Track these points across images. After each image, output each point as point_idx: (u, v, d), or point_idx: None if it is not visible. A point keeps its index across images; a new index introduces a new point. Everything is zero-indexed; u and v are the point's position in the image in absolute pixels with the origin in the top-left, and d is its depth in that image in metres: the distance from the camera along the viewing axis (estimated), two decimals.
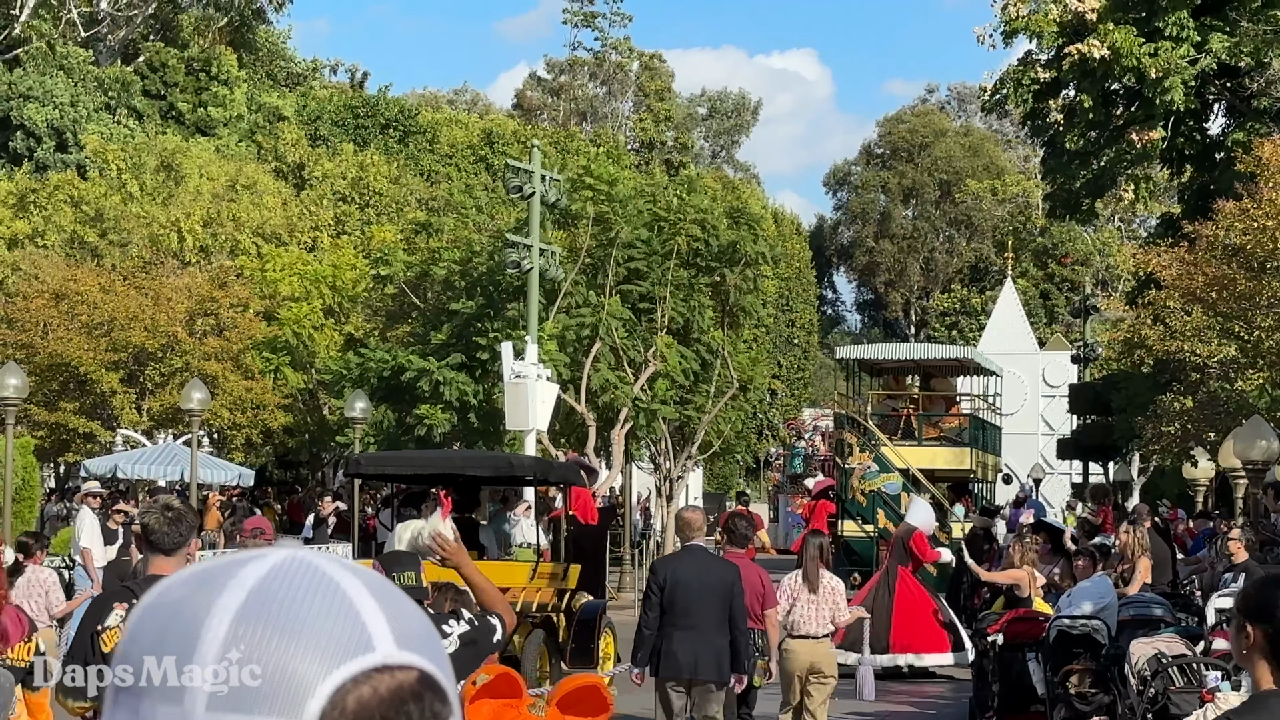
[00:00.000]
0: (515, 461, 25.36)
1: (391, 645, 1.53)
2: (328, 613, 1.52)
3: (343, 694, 1.50)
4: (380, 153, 66.17)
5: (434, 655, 1.57)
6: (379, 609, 1.54)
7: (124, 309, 43.88)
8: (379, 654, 1.52)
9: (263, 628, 1.51)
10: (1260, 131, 37.82)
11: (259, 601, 1.53)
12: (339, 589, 1.54)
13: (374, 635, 1.53)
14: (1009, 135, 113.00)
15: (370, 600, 1.55)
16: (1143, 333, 35.80)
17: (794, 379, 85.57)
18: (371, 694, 1.51)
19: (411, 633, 1.56)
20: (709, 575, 14.32)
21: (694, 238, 42.50)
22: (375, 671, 1.51)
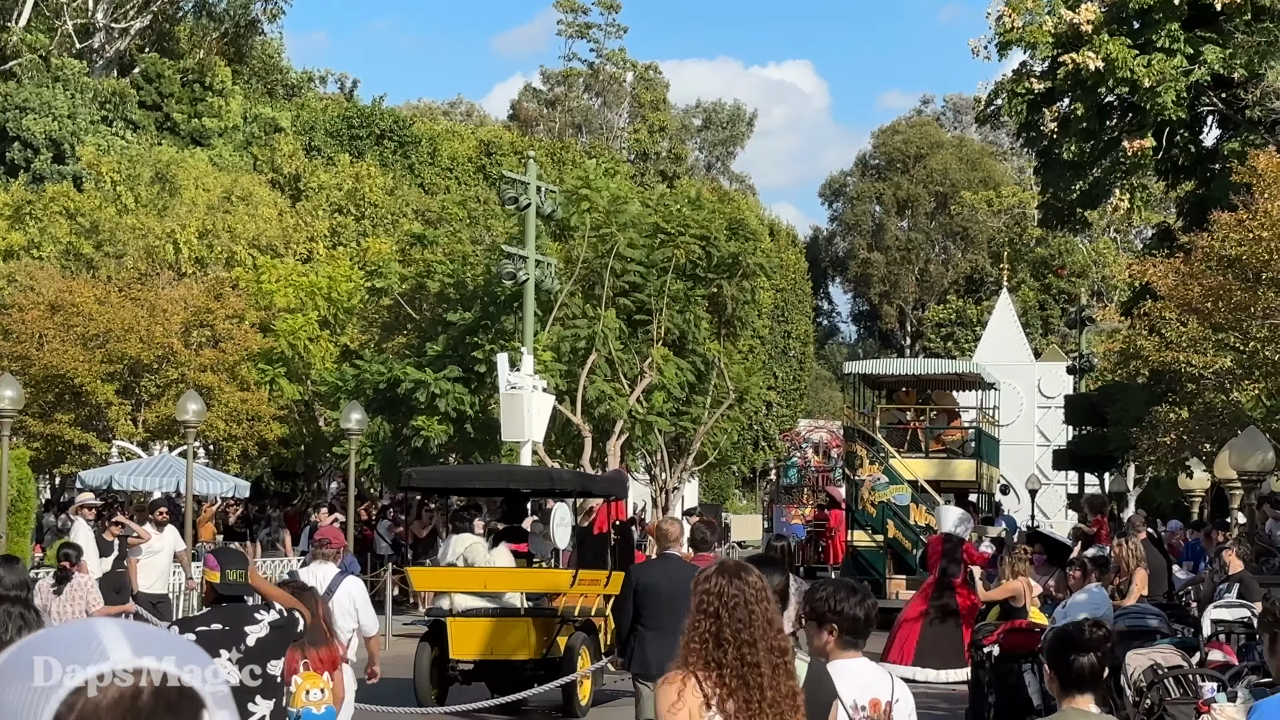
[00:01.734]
0: (556, 475, 27.17)
1: (127, 652, 1.68)
2: (68, 639, 1.70)
3: (71, 700, 1.66)
4: (376, 164, 66.18)
5: (183, 657, 1.71)
6: (118, 629, 1.71)
7: (119, 320, 43.85)
8: (111, 660, 1.67)
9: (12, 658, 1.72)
10: (1255, 143, 37.87)
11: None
12: (86, 625, 1.74)
13: (109, 645, 1.68)
14: (1004, 147, 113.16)
15: (113, 625, 1.73)
16: (1138, 344, 35.83)
17: (790, 390, 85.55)
18: (99, 702, 1.65)
19: (152, 641, 1.72)
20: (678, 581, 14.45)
21: (693, 250, 42.53)
22: (108, 678, 1.66)
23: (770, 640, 6.06)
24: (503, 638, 21.99)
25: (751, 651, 5.98)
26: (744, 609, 6.03)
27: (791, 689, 6.08)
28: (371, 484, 53.80)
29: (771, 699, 6.00)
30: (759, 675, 5.97)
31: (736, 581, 6.08)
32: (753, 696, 5.96)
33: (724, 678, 5.96)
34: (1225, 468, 29.61)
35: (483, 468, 32.45)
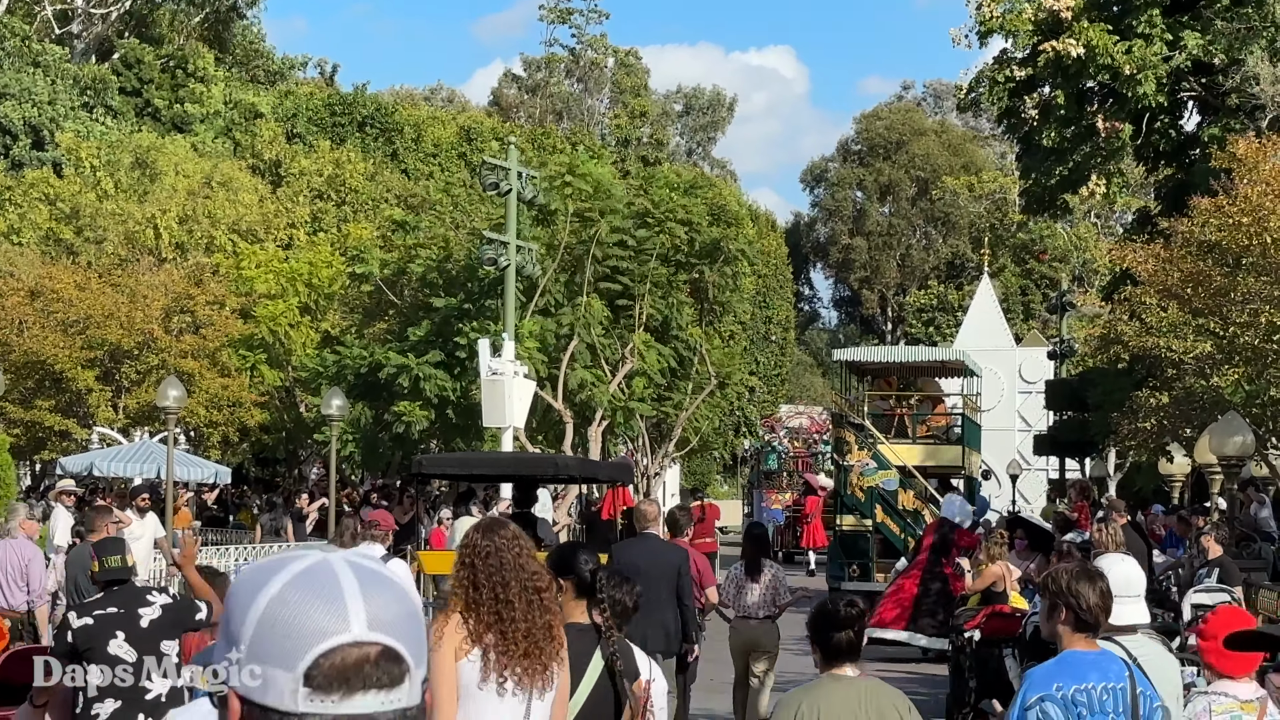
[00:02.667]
0: (561, 462, 27.89)
1: (363, 627, 2.28)
2: (325, 604, 2.28)
3: (323, 658, 2.26)
4: (357, 150, 66.10)
5: (399, 634, 2.30)
6: (361, 601, 2.29)
7: (100, 306, 43.78)
8: (352, 633, 2.27)
9: (286, 610, 2.29)
10: (1235, 128, 37.92)
11: (289, 591, 2.31)
12: (339, 586, 2.31)
13: (351, 620, 2.28)
14: (986, 132, 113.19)
15: (358, 595, 2.30)
16: (1119, 329, 35.83)
17: (771, 376, 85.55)
18: (341, 660, 2.26)
19: (381, 619, 2.30)
20: (657, 559, 16.07)
21: (676, 235, 42.52)
22: (348, 645, 2.26)
23: (523, 581, 7.07)
24: None
25: (504, 591, 7.00)
26: (495, 557, 7.07)
27: (547, 622, 7.08)
28: (353, 470, 53.77)
29: (525, 630, 7.01)
30: (512, 610, 6.99)
31: (489, 535, 7.20)
32: (507, 629, 6.98)
33: (481, 615, 7.01)
34: (1205, 452, 29.67)
35: (491, 455, 32.90)
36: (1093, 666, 7.43)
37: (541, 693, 7.13)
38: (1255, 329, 28.30)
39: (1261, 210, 27.24)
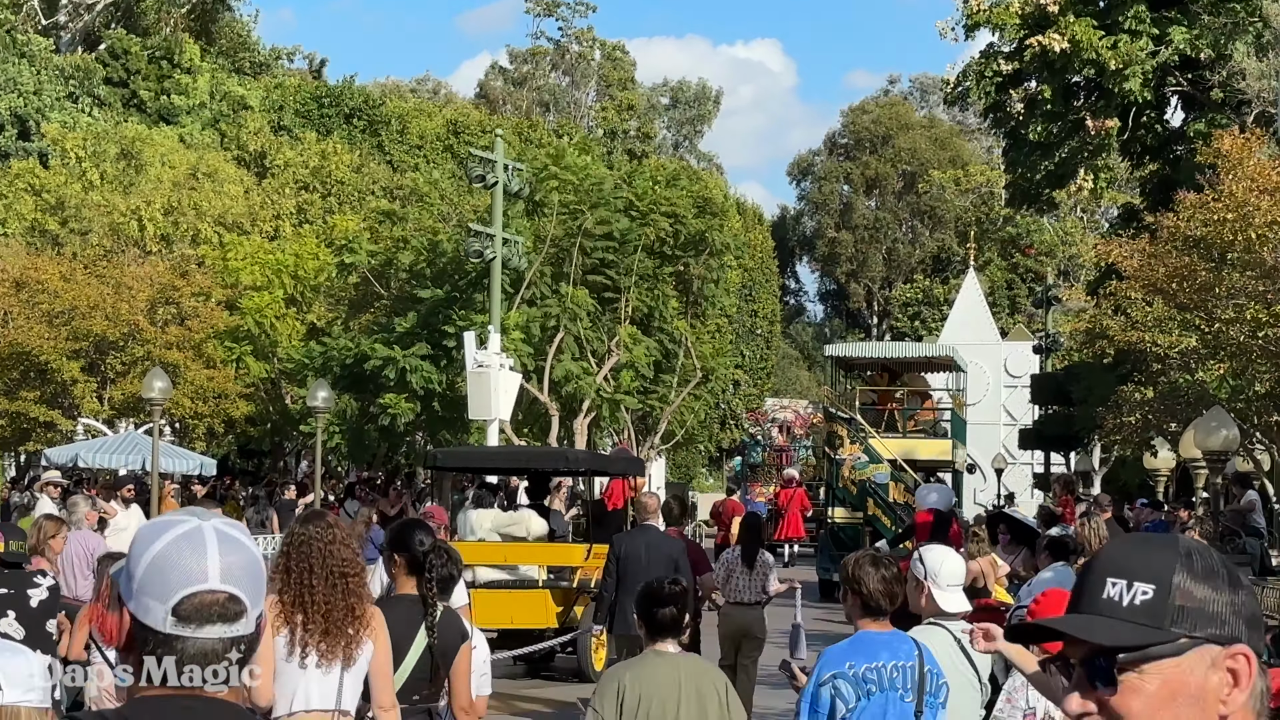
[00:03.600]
0: (571, 455, 29.05)
1: (218, 579, 3.11)
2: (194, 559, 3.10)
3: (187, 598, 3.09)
4: (343, 142, 66.03)
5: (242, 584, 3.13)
6: (219, 559, 3.11)
7: (85, 297, 43.72)
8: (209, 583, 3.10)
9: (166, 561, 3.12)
10: (1221, 123, 37.95)
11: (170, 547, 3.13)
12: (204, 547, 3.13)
13: (210, 573, 3.11)
14: (973, 126, 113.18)
15: (217, 555, 3.12)
16: (1104, 323, 35.86)
17: (756, 369, 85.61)
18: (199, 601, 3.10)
19: (231, 572, 3.12)
20: (656, 549, 17.28)
21: (662, 228, 42.53)
22: (204, 591, 3.10)
23: (330, 567, 7.93)
24: (523, 608, 23.33)
25: (309, 576, 7.87)
26: (306, 545, 7.94)
27: (349, 604, 7.94)
28: (339, 462, 53.74)
29: (325, 610, 7.86)
30: (314, 594, 7.85)
31: (305, 525, 8.15)
32: (309, 610, 7.85)
33: (290, 597, 7.89)
34: (1190, 447, 29.73)
35: (503, 449, 33.53)
36: (884, 646, 7.97)
37: (348, 666, 7.95)
38: (1240, 324, 28.34)
39: (1247, 206, 27.27)
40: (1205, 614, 2.56)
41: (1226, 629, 2.56)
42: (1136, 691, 2.54)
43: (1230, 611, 2.57)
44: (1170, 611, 2.55)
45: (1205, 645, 2.54)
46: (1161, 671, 2.54)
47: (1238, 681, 2.55)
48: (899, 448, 41.97)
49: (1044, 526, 24.65)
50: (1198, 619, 2.55)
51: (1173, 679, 2.53)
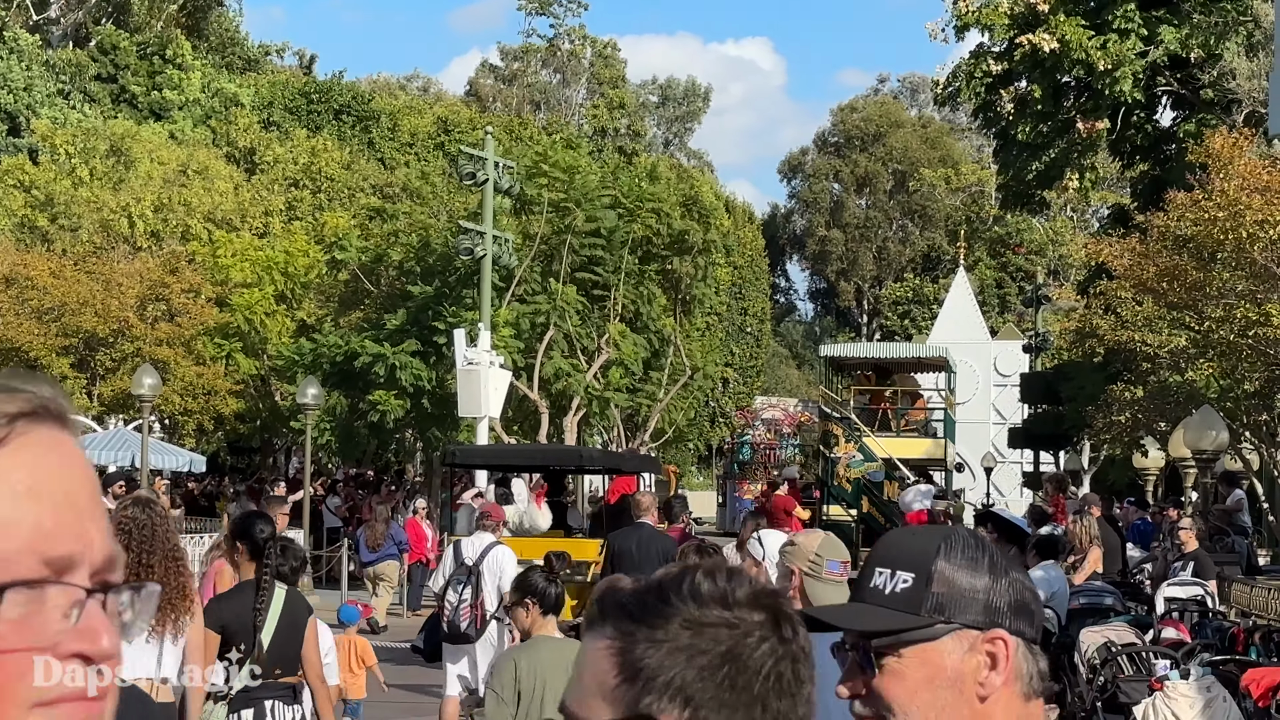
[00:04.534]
0: (585, 454, 30.21)
1: None
2: None
3: None
4: (333, 138, 65.97)
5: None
6: None
7: (74, 294, 43.67)
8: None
9: None
10: (1211, 123, 37.99)
11: None
12: None
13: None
14: (963, 125, 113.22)
15: None
16: (1094, 322, 35.91)
17: (746, 367, 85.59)
18: None
19: None
20: (648, 546, 17.57)
21: (649, 225, 42.54)
22: None
23: (165, 550, 8.74)
24: None
25: (148, 556, 8.57)
26: (148, 528, 8.65)
27: (181, 583, 8.80)
28: (329, 459, 53.71)
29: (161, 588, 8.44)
30: (151, 573, 8.48)
31: (144, 510, 8.80)
32: None
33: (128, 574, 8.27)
34: (1179, 446, 29.79)
35: (520, 447, 34.92)
36: None
37: (174, 639, 8.84)
38: (1230, 323, 28.37)
39: (1237, 205, 27.29)
40: (964, 600, 2.65)
41: (986, 615, 2.65)
42: (896, 675, 2.63)
43: (990, 598, 2.66)
44: (928, 598, 2.64)
45: (963, 630, 2.64)
46: (918, 656, 2.63)
47: (995, 665, 2.63)
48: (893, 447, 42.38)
49: (1035, 526, 24.68)
50: (956, 605, 2.64)
51: (930, 663, 2.63)
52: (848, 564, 7.17)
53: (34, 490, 1.52)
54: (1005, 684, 2.63)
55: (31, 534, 1.50)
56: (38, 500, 1.52)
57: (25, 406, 1.55)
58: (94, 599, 1.54)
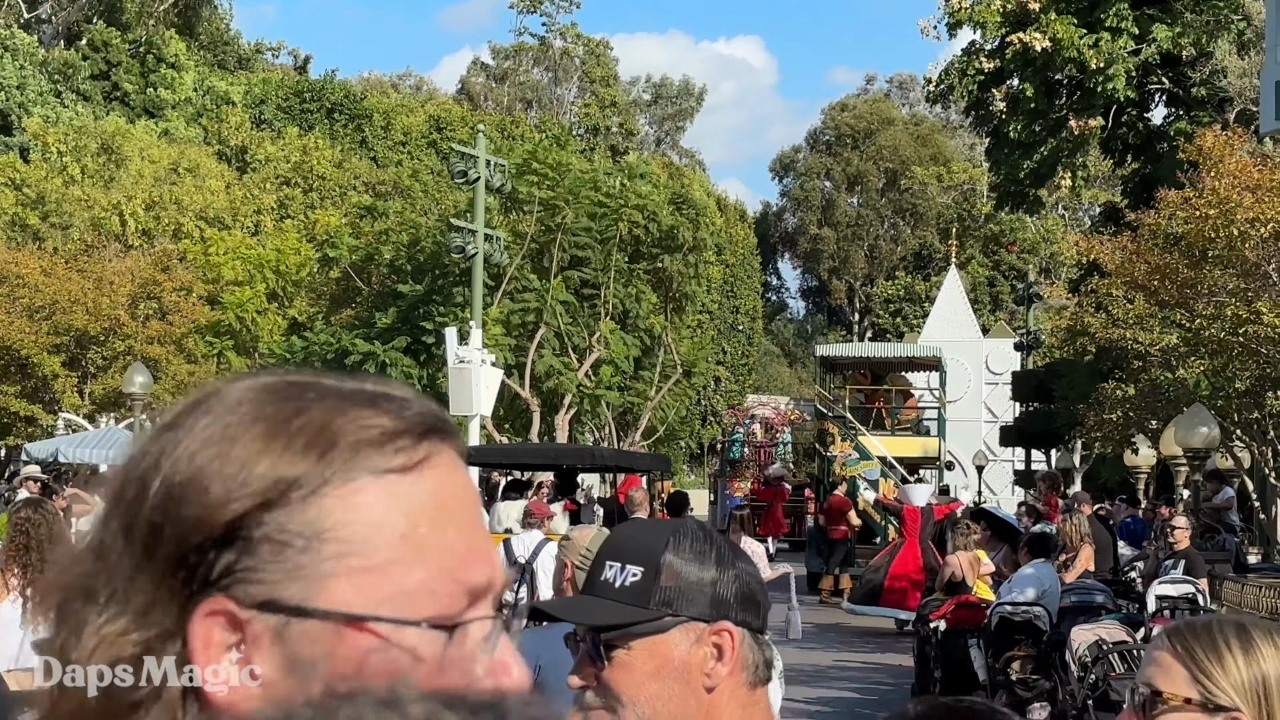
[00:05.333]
0: (598, 453, 30.49)
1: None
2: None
3: None
4: (325, 137, 65.93)
5: None
6: None
7: (66, 292, 43.63)
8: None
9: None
10: (1203, 121, 38.01)
11: None
12: None
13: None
14: (954, 123, 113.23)
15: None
16: (1085, 320, 35.91)
17: (738, 365, 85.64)
18: None
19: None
20: None
21: (636, 224, 42.51)
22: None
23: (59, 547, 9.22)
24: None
25: (39, 554, 9.01)
26: (45, 527, 9.19)
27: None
28: None
29: None
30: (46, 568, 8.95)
31: (38, 511, 9.41)
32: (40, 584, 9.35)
33: (28, 570, 9.04)
34: (1171, 444, 29.81)
35: (534, 446, 35.37)
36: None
37: None
38: (1221, 321, 28.38)
39: (1228, 203, 27.31)
40: (691, 593, 2.72)
41: (713, 607, 2.71)
42: (624, 667, 2.70)
43: (717, 590, 2.73)
44: (656, 591, 2.72)
45: (690, 622, 2.70)
46: (646, 648, 2.70)
47: (722, 656, 2.70)
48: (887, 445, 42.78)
49: (1033, 523, 24.71)
50: (684, 598, 2.71)
51: (658, 654, 2.70)
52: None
53: (447, 514, 1.42)
54: (731, 674, 2.69)
55: (451, 561, 1.40)
56: (452, 525, 1.42)
57: (427, 424, 1.43)
58: (498, 627, 1.44)
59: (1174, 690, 3.12)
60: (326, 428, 1.37)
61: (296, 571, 1.33)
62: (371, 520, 1.35)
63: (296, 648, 1.33)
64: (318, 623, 1.33)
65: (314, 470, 1.35)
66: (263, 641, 1.34)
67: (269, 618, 1.33)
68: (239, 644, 1.34)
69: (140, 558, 1.35)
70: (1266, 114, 28.75)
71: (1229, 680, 3.13)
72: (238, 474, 1.34)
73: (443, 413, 1.47)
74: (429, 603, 1.36)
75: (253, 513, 1.33)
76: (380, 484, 1.36)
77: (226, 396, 1.41)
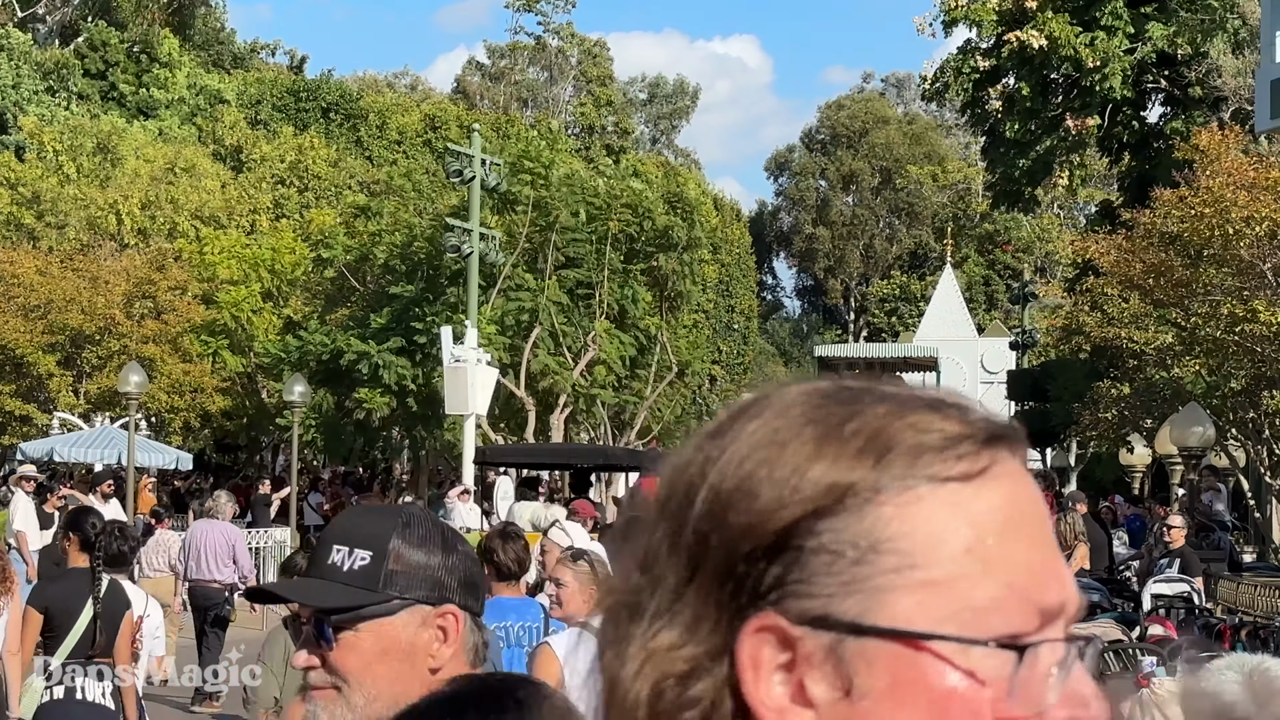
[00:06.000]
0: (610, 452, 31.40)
1: None
2: None
3: None
4: (320, 136, 65.90)
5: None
6: None
7: (61, 291, 43.60)
8: None
9: None
10: (1198, 120, 38.04)
11: None
12: None
13: None
14: (950, 122, 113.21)
15: None
16: (1081, 319, 35.95)
17: (733, 364, 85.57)
18: None
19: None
20: None
21: (628, 223, 42.50)
22: None
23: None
24: None
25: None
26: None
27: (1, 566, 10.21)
28: (315, 456, 53.67)
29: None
30: None
31: None
32: None
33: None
34: (1166, 443, 29.82)
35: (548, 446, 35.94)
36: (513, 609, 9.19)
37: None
38: (1216, 320, 28.41)
39: (1223, 202, 27.33)
40: (418, 577, 2.82)
41: (438, 591, 2.83)
42: (352, 648, 2.78)
43: (443, 575, 2.85)
44: (384, 575, 2.81)
45: (417, 605, 2.81)
46: (374, 630, 2.79)
47: (446, 638, 2.82)
48: None
49: None
50: (410, 582, 2.82)
51: (385, 636, 2.79)
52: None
53: (1016, 527, 1.30)
54: (455, 656, 2.81)
55: (1022, 578, 1.27)
56: (1022, 539, 1.29)
57: (993, 430, 1.33)
58: (1073, 654, 1.29)
59: None
60: (882, 432, 1.28)
61: (852, 585, 1.24)
62: (932, 531, 1.25)
63: (851, 668, 1.24)
64: (874, 641, 1.24)
65: (869, 477, 1.26)
66: (815, 661, 1.25)
67: (822, 635, 1.24)
68: (789, 663, 1.25)
69: (687, 569, 1.28)
70: (1261, 113, 28.79)
71: None
72: (789, 480, 1.26)
73: (1009, 420, 1.38)
74: (997, 621, 1.25)
75: (804, 521, 1.26)
76: (941, 492, 1.27)
77: (776, 401, 1.35)
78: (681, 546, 1.29)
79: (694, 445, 1.35)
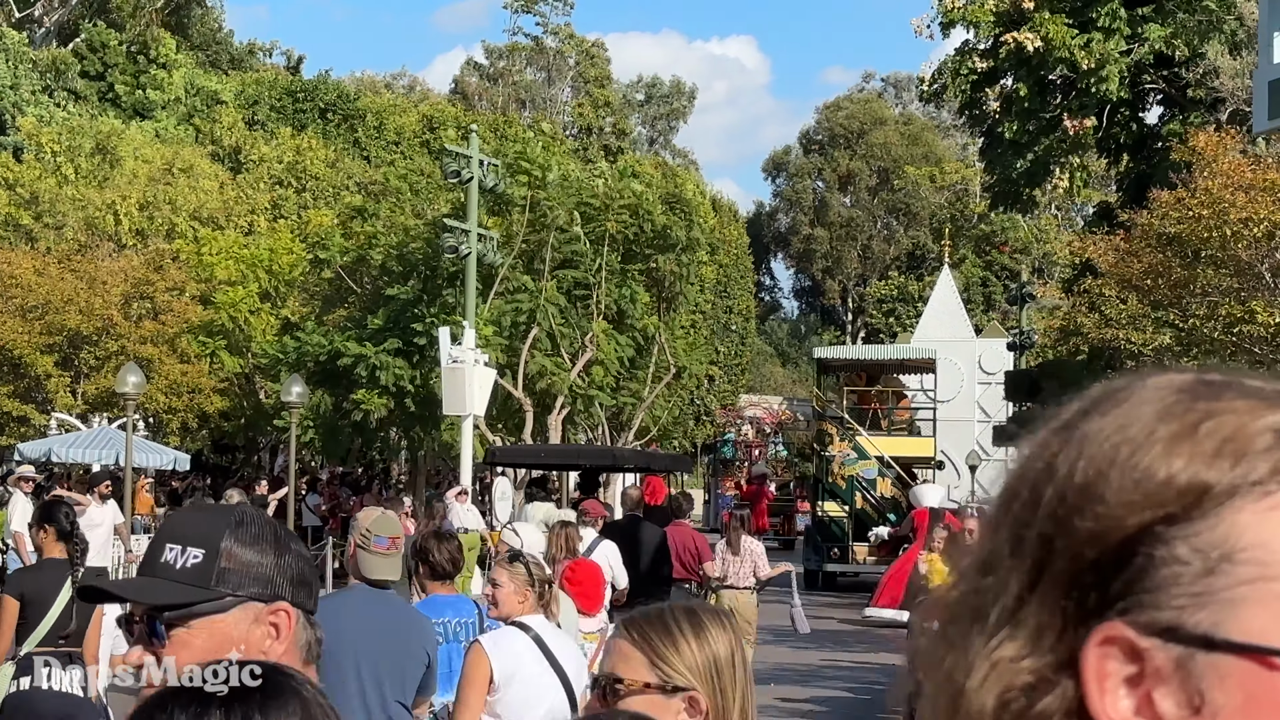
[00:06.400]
0: (618, 453, 31.96)
1: None
2: None
3: None
4: (318, 136, 65.91)
5: None
6: None
7: (59, 292, 43.60)
8: None
9: None
10: (1195, 121, 38.05)
11: None
12: None
13: None
14: (947, 123, 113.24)
15: None
16: (1078, 320, 35.93)
17: (731, 365, 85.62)
18: None
19: None
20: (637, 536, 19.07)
21: (625, 224, 42.52)
22: None
23: None
24: None
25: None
26: None
27: None
28: (313, 457, 53.68)
29: None
30: None
31: None
32: None
33: None
34: None
35: (556, 447, 36.60)
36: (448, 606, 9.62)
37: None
38: (1215, 321, 28.43)
39: (1221, 203, 27.35)
40: (250, 575, 2.88)
41: (270, 588, 2.88)
42: (184, 645, 2.82)
43: (275, 573, 2.90)
44: (216, 573, 2.86)
45: (249, 603, 2.87)
46: (206, 627, 2.85)
47: (278, 634, 2.87)
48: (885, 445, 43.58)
49: None
50: (243, 579, 2.87)
51: (217, 633, 2.84)
52: (397, 539, 8.23)
53: None
54: (287, 652, 2.84)
55: None
56: None
57: None
58: None
59: (634, 676, 3.43)
60: (1240, 432, 1.20)
61: (1204, 595, 1.16)
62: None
63: (1203, 684, 1.16)
64: (1228, 657, 1.16)
65: (1225, 480, 1.18)
66: (1163, 674, 1.17)
67: (1172, 648, 1.17)
68: (1136, 676, 1.18)
69: (1030, 574, 1.22)
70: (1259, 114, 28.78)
71: (684, 662, 3.45)
72: (1139, 482, 1.19)
73: None
74: None
75: (1154, 526, 1.19)
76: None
77: (1129, 394, 1.29)
78: (1025, 549, 1.23)
79: (1041, 440, 1.30)
